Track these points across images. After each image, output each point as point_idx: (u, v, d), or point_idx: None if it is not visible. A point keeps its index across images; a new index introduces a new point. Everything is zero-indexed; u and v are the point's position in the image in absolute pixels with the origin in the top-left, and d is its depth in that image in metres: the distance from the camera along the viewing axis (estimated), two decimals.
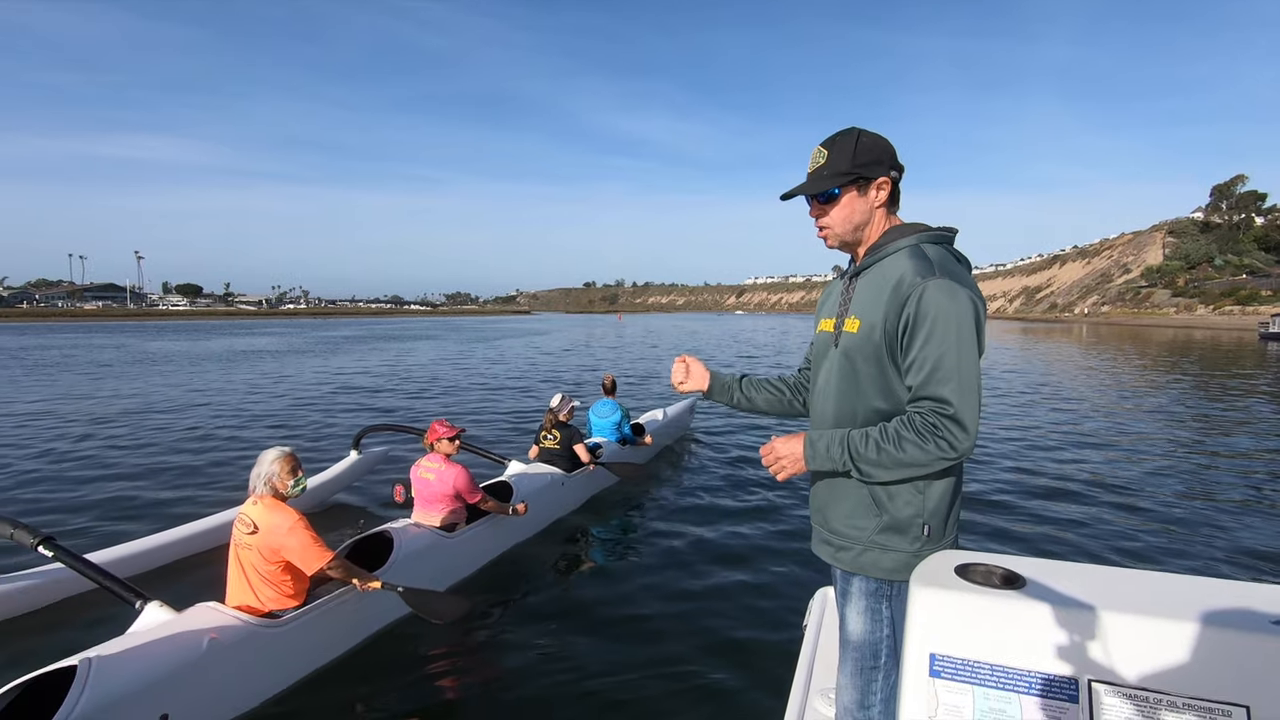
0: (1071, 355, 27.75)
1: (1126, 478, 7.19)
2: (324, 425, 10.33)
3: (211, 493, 6.40)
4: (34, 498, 6.27)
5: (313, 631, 3.34)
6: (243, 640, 3.05)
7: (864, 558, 1.64)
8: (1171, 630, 1.09)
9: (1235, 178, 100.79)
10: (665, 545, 5.05)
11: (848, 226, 1.67)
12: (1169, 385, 16.56)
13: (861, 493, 1.63)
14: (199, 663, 2.87)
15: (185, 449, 8.36)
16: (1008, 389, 15.25)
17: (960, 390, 1.47)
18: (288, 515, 3.18)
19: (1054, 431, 9.96)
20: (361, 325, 68.06)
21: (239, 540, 3.22)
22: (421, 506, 4.40)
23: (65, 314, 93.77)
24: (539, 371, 19.21)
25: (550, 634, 3.73)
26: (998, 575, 1.25)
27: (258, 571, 3.19)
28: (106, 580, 3.20)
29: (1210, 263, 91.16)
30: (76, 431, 9.47)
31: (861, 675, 1.71)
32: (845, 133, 1.65)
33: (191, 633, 2.95)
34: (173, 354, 25.86)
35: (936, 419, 1.48)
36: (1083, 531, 5.46)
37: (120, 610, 3.73)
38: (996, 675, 1.17)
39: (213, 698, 2.93)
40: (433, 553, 4.12)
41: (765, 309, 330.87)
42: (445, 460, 4.37)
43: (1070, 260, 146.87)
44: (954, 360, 1.48)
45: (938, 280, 1.51)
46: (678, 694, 3.19)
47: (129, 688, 2.64)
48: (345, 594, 3.47)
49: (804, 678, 2.34)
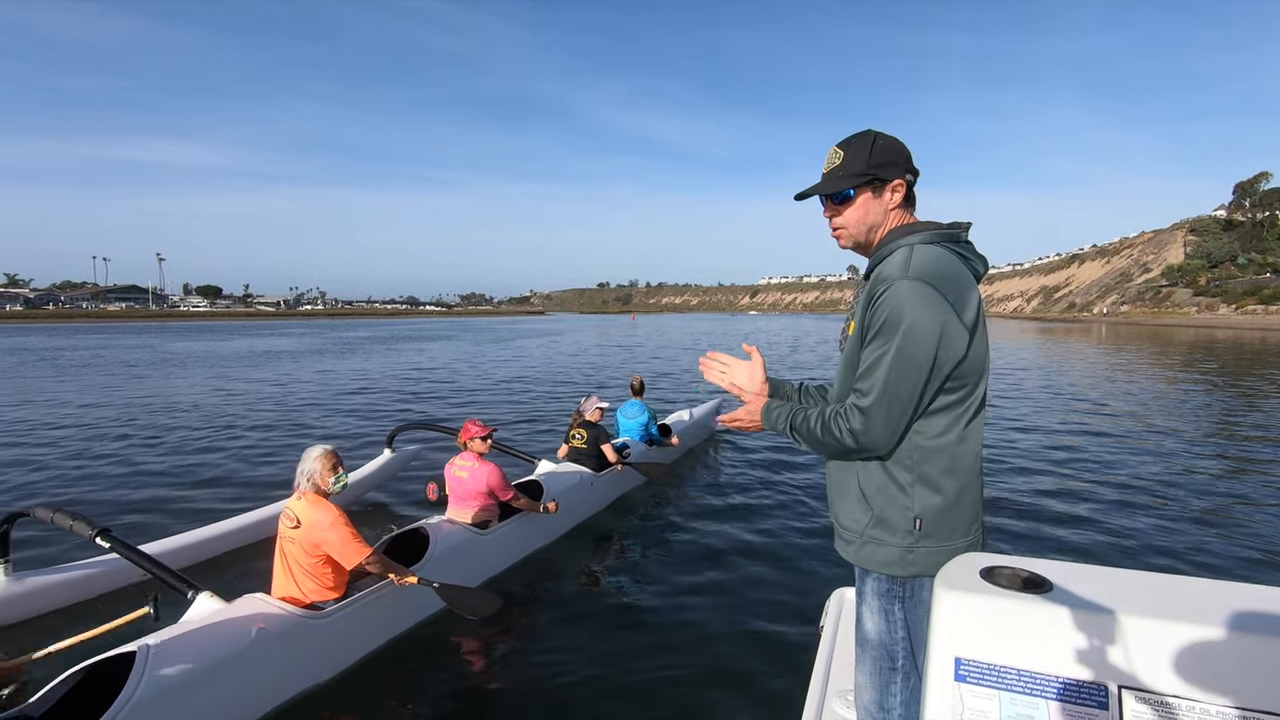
0: (1091, 355, 27.48)
1: (1154, 479, 7.12)
2: (356, 424, 10.55)
3: (248, 489, 6.57)
4: (82, 494, 6.47)
5: (353, 624, 3.45)
6: (289, 630, 3.16)
7: (863, 550, 1.68)
8: (1204, 636, 1.06)
9: (1259, 175, 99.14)
10: (690, 544, 5.13)
11: (862, 228, 1.68)
12: (1195, 384, 16.38)
13: (855, 489, 1.68)
14: (248, 651, 2.98)
15: (221, 447, 8.57)
16: (1027, 389, 15.11)
17: (881, 389, 1.50)
18: (328, 511, 3.29)
19: (1076, 432, 9.90)
20: (379, 326, 68.76)
21: (283, 534, 3.34)
22: (455, 504, 4.50)
23: (90, 315, 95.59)
24: (558, 372, 19.34)
25: (577, 632, 3.82)
26: (1023, 578, 1.23)
27: (300, 565, 3.32)
28: (160, 571, 3.33)
29: (1233, 261, 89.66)
30: (117, 430, 9.75)
31: (880, 676, 1.72)
32: (861, 134, 1.66)
33: (241, 622, 3.07)
34: (201, 355, 26.31)
35: (847, 407, 1.54)
36: (1109, 534, 5.43)
37: (171, 599, 3.90)
38: (1023, 680, 1.15)
39: (261, 685, 3.04)
40: (467, 549, 4.21)
41: (780, 309, 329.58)
42: (478, 458, 4.46)
43: (1089, 259, 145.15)
44: (888, 361, 1.50)
45: (902, 282, 1.52)
46: (695, 690, 3.26)
47: (184, 673, 2.75)
48: (382, 588, 3.57)
49: (821, 679, 2.34)
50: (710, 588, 4.37)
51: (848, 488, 1.70)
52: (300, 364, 21.93)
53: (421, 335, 46.75)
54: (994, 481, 6.88)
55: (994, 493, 6.50)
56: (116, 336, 43.65)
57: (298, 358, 24.81)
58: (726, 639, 3.73)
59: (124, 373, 18.79)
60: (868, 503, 1.65)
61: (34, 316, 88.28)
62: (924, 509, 1.60)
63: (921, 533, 1.60)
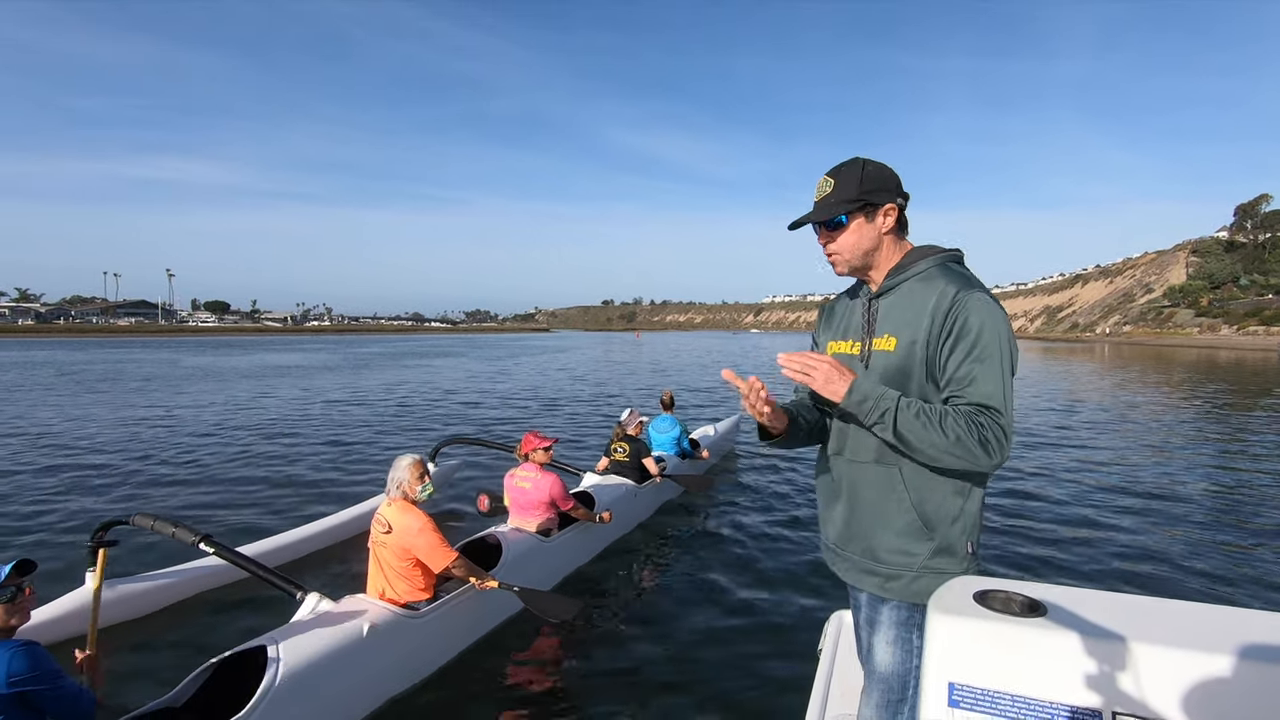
0: (1093, 375, 27.57)
1: (1153, 503, 7.06)
2: (393, 439, 10.79)
3: (300, 498, 6.84)
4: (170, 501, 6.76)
5: (445, 624, 3.66)
6: (393, 629, 3.35)
7: (917, 584, 1.60)
8: (1202, 662, 1.05)
9: (1260, 197, 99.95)
10: (728, 554, 5.39)
11: (856, 252, 1.69)
12: (1198, 406, 16.41)
13: (910, 517, 1.60)
14: (362, 647, 3.17)
15: (266, 463, 8.83)
16: (1031, 408, 15.17)
17: (1004, 401, 1.48)
18: (417, 517, 3.47)
19: (1076, 454, 9.93)
20: (388, 343, 68.87)
21: (375, 538, 3.53)
22: (518, 513, 4.70)
23: (102, 330, 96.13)
24: (571, 387, 19.49)
25: (632, 637, 4.05)
26: (1018, 602, 1.22)
27: (392, 567, 3.51)
28: (266, 573, 3.46)
29: (1235, 282, 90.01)
30: (173, 439, 10.02)
31: (888, 709, 1.66)
32: (851, 162, 1.68)
33: (352, 621, 3.25)
34: (221, 369, 26.41)
35: (985, 418, 1.45)
36: (1105, 558, 5.41)
37: (256, 597, 4.25)
38: (1018, 706, 1.13)
39: (374, 679, 3.24)
40: (533, 556, 4.44)
41: (784, 327, 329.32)
42: (540, 469, 4.68)
43: (1093, 279, 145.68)
44: (998, 372, 1.49)
45: (980, 294, 1.54)
46: (721, 690, 3.46)
47: (311, 667, 2.92)
48: (465, 591, 3.75)
49: (819, 704, 2.30)
50: (744, 600, 4.57)
51: (891, 516, 1.62)
52: (329, 379, 22.08)
53: (433, 351, 46.87)
54: (987, 505, 6.81)
55: (987, 515, 6.40)
56: (133, 351, 43.81)
57: (333, 372, 24.94)
58: (749, 650, 3.90)
59: (164, 388, 19.09)
60: (929, 530, 1.59)
61: (46, 331, 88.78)
62: (974, 531, 1.60)
63: (974, 555, 1.60)
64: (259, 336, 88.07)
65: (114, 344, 57.28)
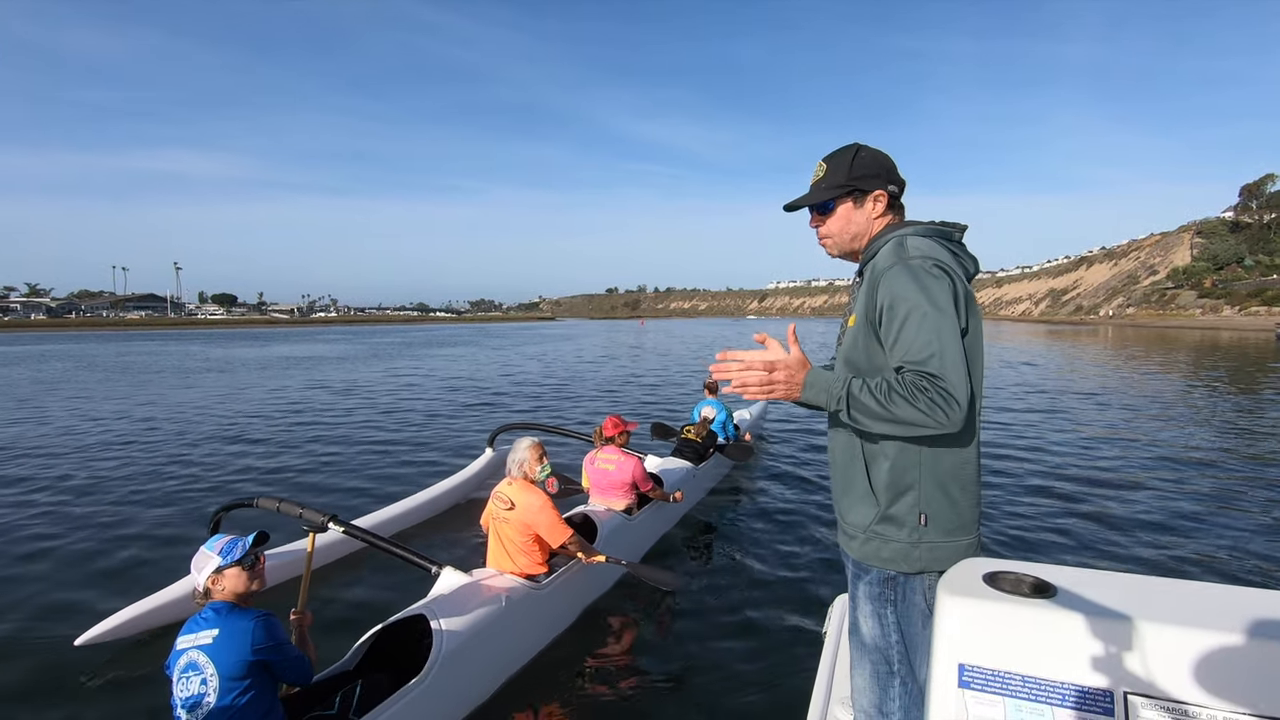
0: (1098, 356, 27.48)
1: (1161, 483, 7.05)
2: (447, 424, 11.30)
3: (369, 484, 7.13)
4: None
5: (563, 595, 3.90)
6: (524, 599, 3.56)
7: (866, 547, 1.66)
8: (1212, 641, 1.05)
9: (1265, 177, 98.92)
10: (781, 533, 5.73)
11: (845, 236, 1.74)
12: (1203, 387, 16.38)
13: (863, 484, 1.65)
14: (502, 616, 3.37)
15: (310, 451, 9.05)
16: (1031, 391, 15.19)
17: (943, 362, 1.44)
18: (538, 496, 3.69)
19: (1083, 434, 9.94)
20: (396, 333, 68.54)
21: (497, 515, 3.72)
22: (600, 494, 4.96)
23: (114, 323, 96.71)
24: (586, 376, 19.48)
25: (708, 607, 4.30)
26: (1028, 584, 1.22)
27: (513, 542, 3.73)
28: (401, 550, 3.57)
29: (1240, 263, 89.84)
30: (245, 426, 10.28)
31: (878, 680, 1.71)
32: (845, 148, 1.72)
33: (489, 593, 3.45)
34: (245, 360, 26.27)
35: (926, 381, 1.43)
36: (1114, 539, 5.41)
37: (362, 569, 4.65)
38: (1028, 686, 1.14)
39: (513, 645, 3.46)
40: (622, 532, 4.71)
41: (788, 313, 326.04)
42: (622, 452, 4.92)
43: (1097, 262, 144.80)
44: (930, 333, 1.46)
45: (904, 263, 1.54)
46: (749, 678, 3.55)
47: (466, 634, 3.12)
48: (573, 565, 3.92)
49: (825, 685, 2.33)
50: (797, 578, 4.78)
51: (854, 483, 1.69)
52: (350, 369, 21.95)
53: (448, 340, 46.75)
54: (995, 486, 6.91)
55: (994, 497, 6.48)
56: (156, 343, 43.60)
57: (341, 363, 24.77)
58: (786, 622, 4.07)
59: (212, 378, 19.46)
60: (875, 498, 1.64)
61: (61, 325, 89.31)
62: (930, 504, 1.59)
63: (926, 528, 1.59)
64: (270, 329, 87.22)
65: (140, 337, 56.70)
